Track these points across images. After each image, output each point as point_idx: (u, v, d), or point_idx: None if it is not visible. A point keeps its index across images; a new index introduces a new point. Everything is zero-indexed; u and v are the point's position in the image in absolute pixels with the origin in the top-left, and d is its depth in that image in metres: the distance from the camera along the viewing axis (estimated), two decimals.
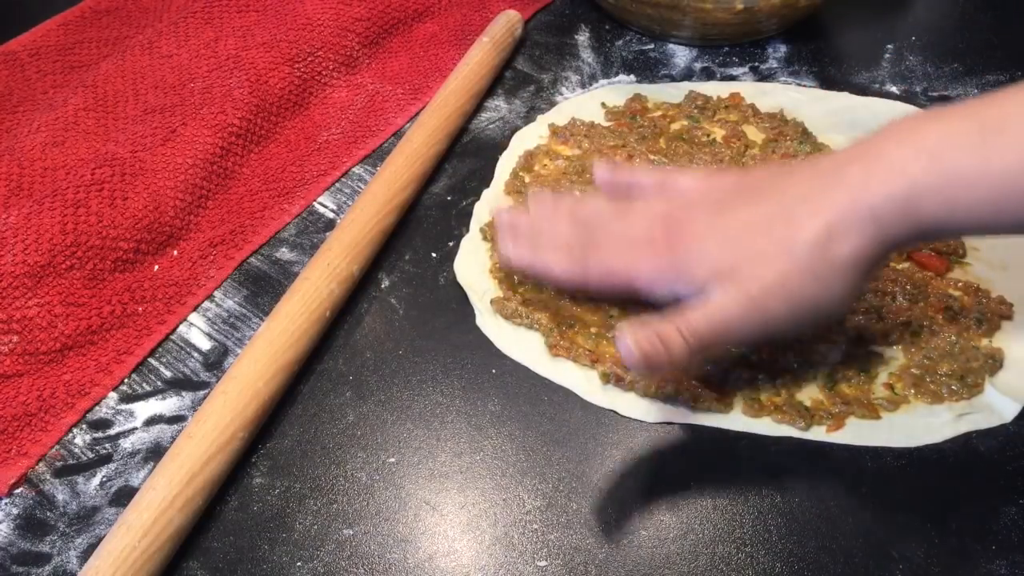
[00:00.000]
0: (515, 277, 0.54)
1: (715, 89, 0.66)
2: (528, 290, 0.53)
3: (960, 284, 0.52)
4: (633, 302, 0.50)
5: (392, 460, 0.47)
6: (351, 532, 0.44)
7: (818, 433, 0.47)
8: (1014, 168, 0.38)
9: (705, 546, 0.43)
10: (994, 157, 0.38)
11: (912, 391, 0.48)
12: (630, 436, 0.47)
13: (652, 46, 0.73)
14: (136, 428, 0.49)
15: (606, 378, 0.48)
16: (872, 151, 0.41)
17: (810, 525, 0.43)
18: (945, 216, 0.39)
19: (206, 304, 0.55)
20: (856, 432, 0.46)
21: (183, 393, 0.50)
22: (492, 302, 0.53)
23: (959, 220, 0.40)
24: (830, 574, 0.41)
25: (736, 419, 0.47)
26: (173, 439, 0.47)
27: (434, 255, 0.57)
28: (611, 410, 0.48)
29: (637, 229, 0.46)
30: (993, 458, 0.45)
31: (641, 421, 0.48)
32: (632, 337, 0.41)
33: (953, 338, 0.49)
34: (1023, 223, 0.39)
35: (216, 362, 0.52)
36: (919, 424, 0.47)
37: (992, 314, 0.50)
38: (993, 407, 0.47)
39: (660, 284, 0.45)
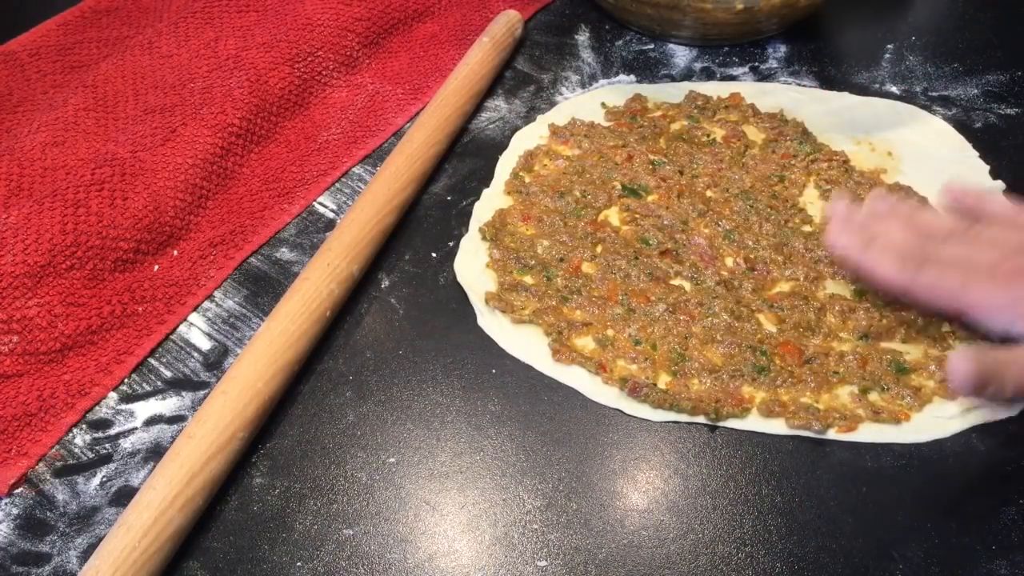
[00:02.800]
0: (507, 275, 0.54)
1: (715, 89, 0.66)
2: (524, 301, 0.53)
3: None
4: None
5: (392, 460, 0.47)
6: (351, 532, 0.44)
7: (828, 432, 0.47)
8: None
9: (705, 546, 0.43)
10: None
11: (934, 389, 0.48)
12: (630, 436, 0.47)
13: (652, 46, 0.73)
14: (136, 428, 0.49)
15: (622, 384, 0.48)
16: None
17: (810, 525, 0.43)
18: None
19: (206, 304, 0.55)
20: (865, 430, 0.46)
21: (183, 393, 0.50)
22: (486, 297, 0.53)
23: None
24: (830, 574, 0.41)
25: (742, 419, 0.47)
26: (173, 439, 0.47)
27: (434, 255, 0.57)
28: (615, 409, 0.48)
29: (982, 256, 0.46)
30: (993, 458, 0.45)
31: (642, 420, 0.48)
32: (974, 361, 0.41)
33: (966, 335, 0.49)
34: None
35: (216, 362, 0.52)
36: (927, 419, 0.47)
37: None
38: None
39: (995, 316, 0.45)
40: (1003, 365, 0.42)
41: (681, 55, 0.72)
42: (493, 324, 0.52)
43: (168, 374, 0.51)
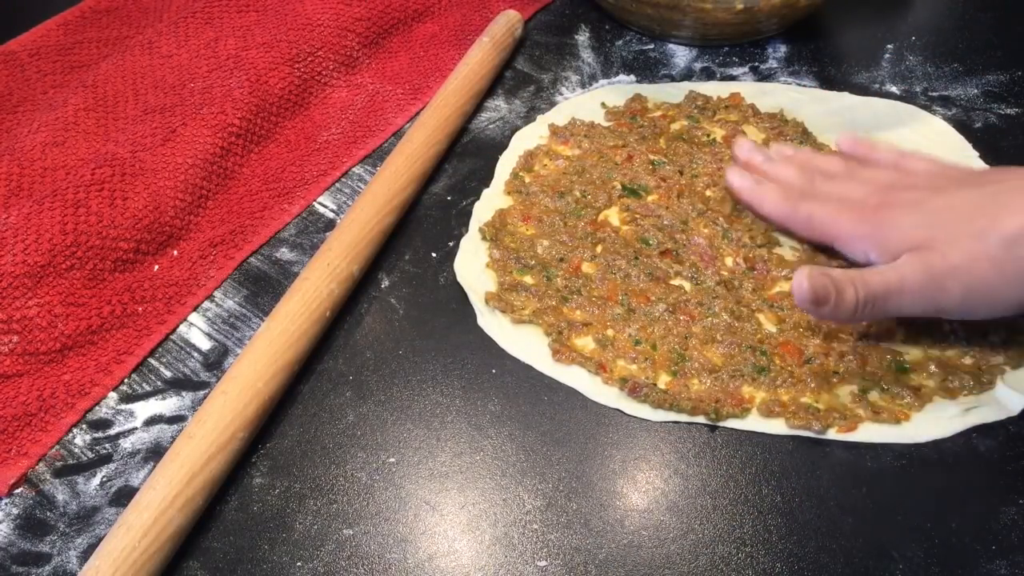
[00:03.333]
0: (507, 275, 0.54)
1: (715, 89, 0.66)
2: (524, 301, 0.53)
3: None
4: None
5: (392, 460, 0.47)
6: (351, 532, 0.44)
7: (828, 432, 0.47)
8: None
9: (705, 546, 0.43)
10: None
11: (934, 389, 0.48)
12: (630, 436, 0.47)
13: (652, 46, 0.73)
14: (136, 428, 0.49)
15: (622, 384, 0.48)
16: None
17: (810, 525, 0.43)
18: None
19: (206, 304, 0.55)
20: (865, 430, 0.47)
21: (183, 393, 0.50)
22: (486, 297, 0.53)
23: None
24: (830, 574, 0.41)
25: (742, 419, 0.47)
26: (173, 439, 0.47)
27: (434, 255, 0.57)
28: (615, 409, 0.48)
29: (855, 192, 0.51)
30: (993, 458, 0.45)
31: (642, 420, 0.48)
32: (809, 277, 0.45)
33: (966, 335, 0.50)
34: None
35: (216, 362, 0.52)
36: (926, 419, 0.47)
37: None
38: (1000, 401, 0.47)
39: (856, 245, 0.49)
40: (843, 283, 0.45)
41: (681, 55, 0.72)
42: (493, 324, 0.52)
43: (168, 374, 0.51)
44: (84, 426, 0.49)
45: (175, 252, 0.57)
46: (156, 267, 0.56)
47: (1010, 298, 0.44)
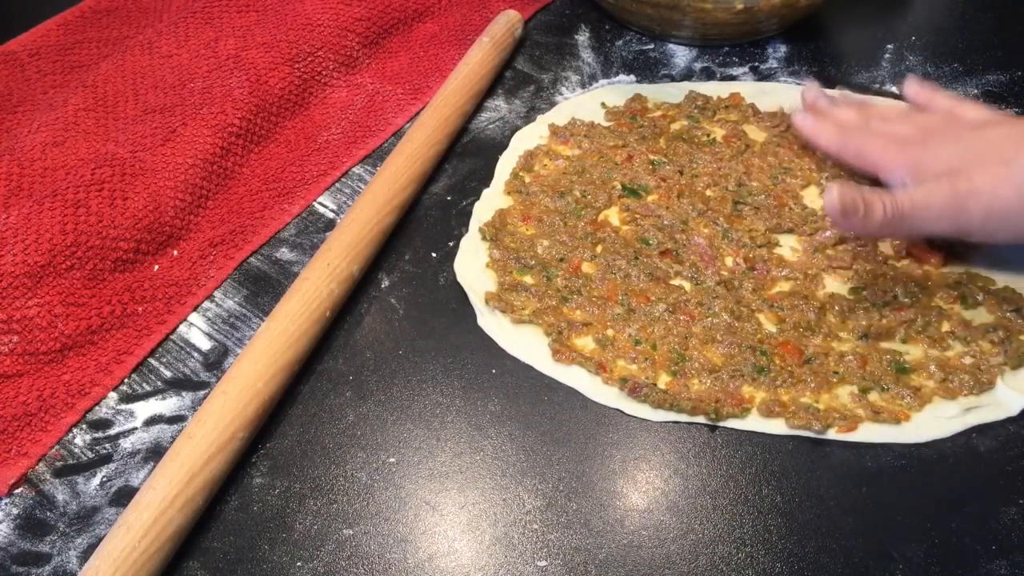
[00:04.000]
0: (507, 275, 0.54)
1: (715, 89, 0.66)
2: (524, 301, 0.53)
3: (963, 275, 0.52)
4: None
5: (392, 460, 0.47)
6: (351, 532, 0.44)
7: (828, 431, 0.47)
8: None
9: (705, 546, 0.43)
10: None
11: (934, 389, 0.48)
12: (630, 436, 0.47)
13: (652, 46, 0.73)
14: (136, 428, 0.49)
15: (622, 384, 0.48)
16: None
17: (810, 525, 0.43)
18: None
19: (206, 304, 0.55)
20: (865, 430, 0.47)
21: (183, 393, 0.50)
22: (486, 297, 0.53)
23: None
24: (830, 574, 0.41)
25: (742, 419, 0.47)
26: (173, 439, 0.47)
27: (434, 255, 0.57)
28: (615, 409, 0.48)
29: (902, 130, 0.54)
30: (993, 458, 0.45)
31: (642, 420, 0.48)
32: (839, 191, 0.47)
33: (966, 335, 0.50)
34: None
35: (216, 362, 0.52)
36: (927, 419, 0.47)
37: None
38: (1000, 401, 0.47)
39: (896, 175, 0.51)
40: (872, 198, 0.48)
41: (681, 55, 0.72)
42: (493, 324, 0.52)
43: (168, 374, 0.51)
44: (84, 426, 0.49)
45: (175, 252, 0.57)
46: (156, 267, 0.56)
47: None
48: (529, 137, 0.64)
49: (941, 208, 0.48)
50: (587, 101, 0.67)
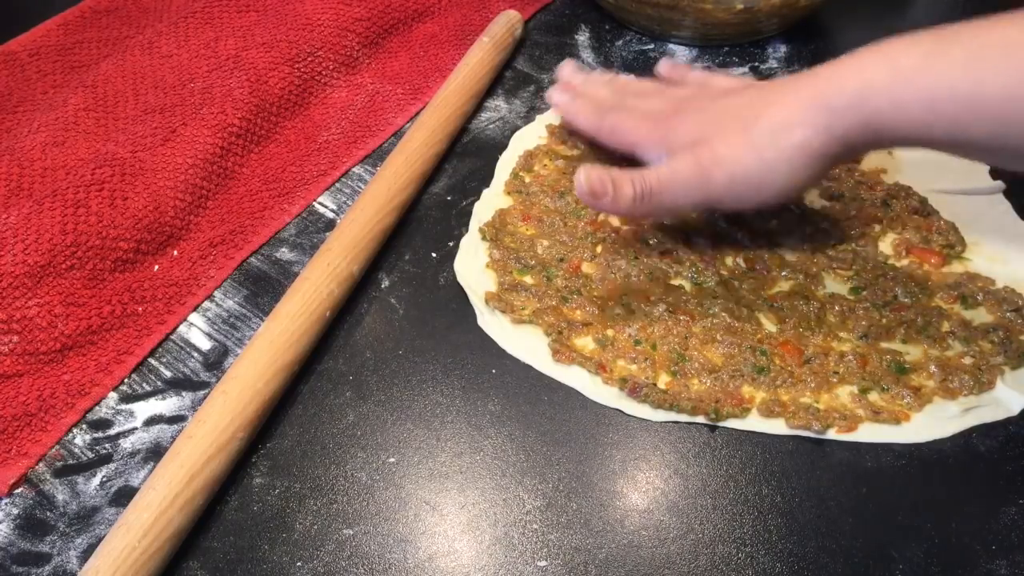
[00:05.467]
0: (507, 275, 0.54)
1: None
2: (524, 301, 0.53)
3: (963, 275, 0.52)
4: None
5: (392, 460, 0.47)
6: (351, 532, 0.44)
7: (828, 432, 0.47)
8: (949, 75, 0.42)
9: (705, 546, 0.43)
10: (936, 64, 0.43)
11: (934, 390, 0.48)
12: (630, 436, 0.47)
13: (652, 46, 0.73)
14: (136, 428, 0.49)
15: (622, 384, 0.48)
16: (846, 59, 0.46)
17: (810, 525, 0.43)
18: (891, 112, 0.44)
19: (206, 304, 0.55)
20: (865, 430, 0.47)
21: (183, 393, 0.50)
22: (486, 297, 0.53)
23: (902, 120, 0.44)
24: (830, 574, 0.42)
25: (742, 419, 0.47)
26: (173, 439, 0.47)
27: (434, 255, 0.57)
28: (615, 409, 0.48)
29: (655, 105, 0.54)
30: (993, 458, 0.45)
31: (642, 420, 0.48)
32: (585, 172, 0.49)
33: (966, 335, 0.50)
34: (953, 139, 0.44)
35: (216, 362, 0.52)
36: (926, 419, 0.47)
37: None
38: (1000, 401, 0.47)
39: (651, 151, 0.52)
40: (621, 178, 0.49)
41: (681, 55, 0.72)
42: (493, 324, 0.52)
43: (168, 374, 0.51)
44: (84, 426, 0.49)
45: (175, 252, 0.57)
46: (156, 267, 0.56)
47: (774, 184, 0.48)
48: (529, 137, 0.64)
49: (687, 180, 0.49)
50: None
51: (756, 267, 0.54)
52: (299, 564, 0.43)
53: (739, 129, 0.48)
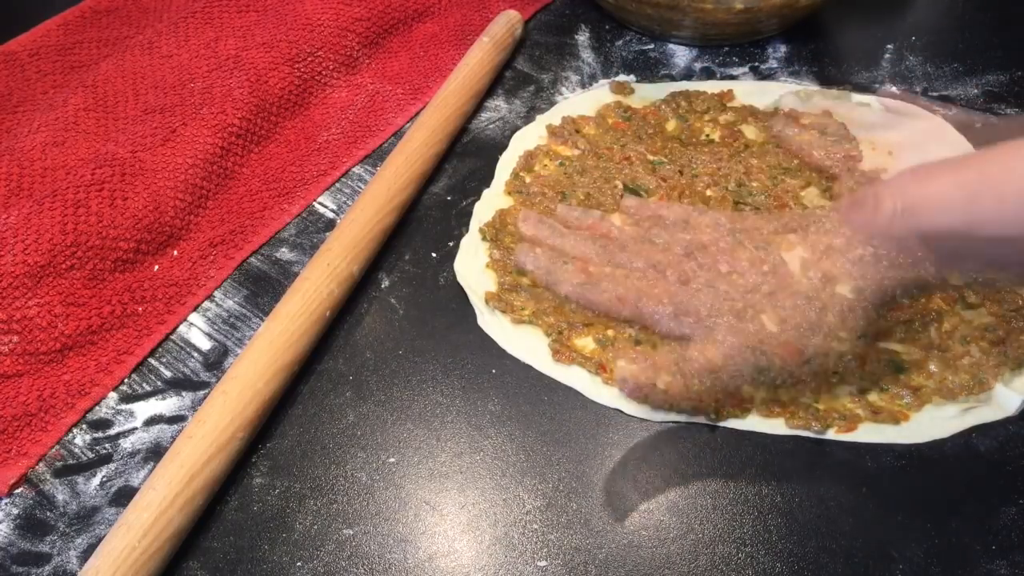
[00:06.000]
0: (507, 275, 0.54)
1: (714, 89, 0.66)
2: (524, 301, 0.53)
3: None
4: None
5: (392, 460, 0.47)
6: (351, 532, 0.44)
7: (828, 432, 0.47)
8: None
9: (705, 546, 0.43)
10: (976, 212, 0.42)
11: (933, 390, 0.48)
12: (630, 436, 0.47)
13: (652, 46, 0.73)
14: (136, 428, 0.49)
15: (622, 384, 0.48)
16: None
17: (810, 525, 0.43)
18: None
19: (206, 304, 0.55)
20: (864, 430, 0.47)
21: (183, 393, 0.50)
22: (486, 297, 0.53)
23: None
24: (830, 574, 0.41)
25: (742, 419, 0.47)
26: (173, 439, 0.47)
27: (434, 255, 0.57)
28: (615, 409, 0.48)
29: (652, 259, 0.50)
30: (993, 458, 0.45)
31: (643, 420, 0.48)
32: (629, 372, 0.45)
33: (966, 335, 0.50)
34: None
35: (216, 362, 0.52)
36: (926, 419, 0.47)
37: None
38: (999, 401, 0.47)
39: (664, 324, 0.48)
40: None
41: (681, 55, 0.72)
42: (493, 324, 0.52)
43: (168, 374, 0.51)
44: (84, 426, 0.49)
45: (175, 252, 0.57)
46: (156, 267, 0.56)
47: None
48: (529, 137, 0.64)
49: (740, 354, 0.46)
50: (587, 101, 0.67)
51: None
52: (299, 564, 0.43)
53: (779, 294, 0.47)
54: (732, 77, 0.69)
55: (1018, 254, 0.43)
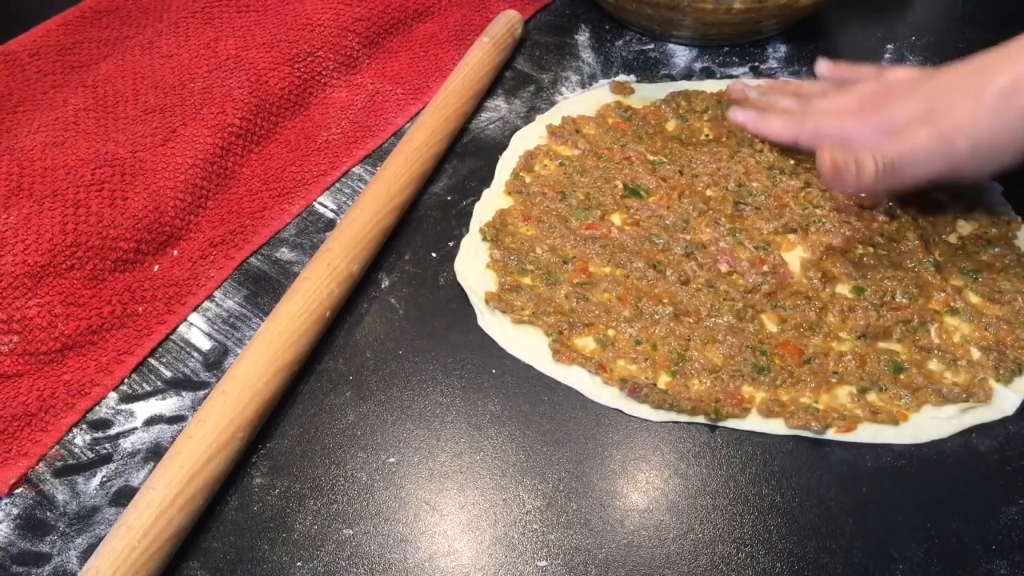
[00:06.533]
0: (508, 276, 0.54)
1: (715, 88, 0.67)
2: (524, 301, 0.53)
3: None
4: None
5: (392, 460, 0.47)
6: (351, 532, 0.44)
7: (827, 432, 0.47)
8: None
9: (705, 546, 0.43)
10: None
11: (933, 390, 0.48)
12: (630, 436, 0.47)
13: (652, 46, 0.73)
14: (136, 428, 0.49)
15: (622, 384, 0.48)
16: None
17: (810, 525, 0.43)
18: None
19: (206, 304, 0.55)
20: (863, 430, 0.47)
21: (183, 393, 0.50)
22: (486, 297, 0.53)
23: None
24: (830, 574, 0.42)
25: (742, 419, 0.47)
26: (173, 439, 0.47)
27: (434, 255, 0.57)
28: (615, 409, 0.48)
29: (850, 101, 0.56)
30: (993, 458, 0.45)
31: (642, 420, 0.48)
32: (830, 152, 0.50)
33: (962, 338, 0.50)
34: None
35: (216, 362, 0.52)
36: (925, 420, 0.47)
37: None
38: (996, 401, 0.47)
39: (866, 143, 0.52)
40: (863, 155, 0.50)
41: (681, 55, 0.72)
42: (493, 324, 0.52)
43: (168, 374, 0.51)
44: (84, 426, 0.49)
45: (175, 252, 0.57)
46: (156, 267, 0.56)
47: (1017, 146, 0.49)
48: (529, 137, 0.64)
49: (931, 151, 0.50)
50: (587, 101, 0.67)
51: (778, 271, 0.54)
52: (299, 564, 0.43)
53: (970, 95, 0.49)
54: (732, 77, 0.69)
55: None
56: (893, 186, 0.53)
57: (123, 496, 0.45)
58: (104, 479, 0.46)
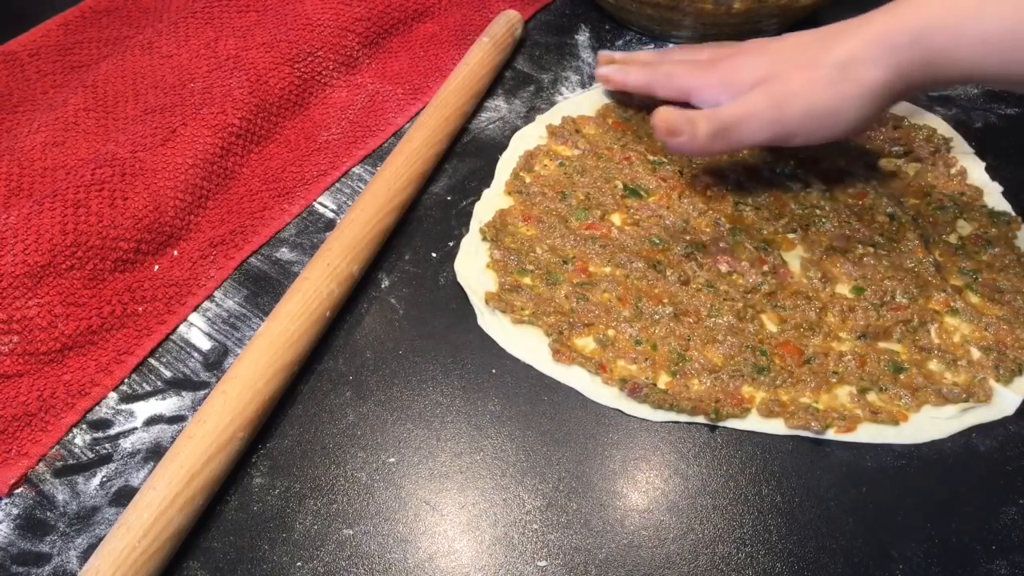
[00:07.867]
0: (508, 276, 0.54)
1: None
2: (525, 301, 0.53)
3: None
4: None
5: (392, 460, 0.47)
6: (351, 532, 0.44)
7: (827, 432, 0.47)
8: (1003, 18, 0.45)
9: (705, 546, 0.43)
10: (990, 5, 0.45)
11: (932, 390, 0.48)
12: (630, 436, 0.47)
13: (652, 46, 0.73)
14: (136, 428, 0.49)
15: (622, 384, 0.48)
16: (905, 0, 0.48)
17: (810, 525, 0.43)
18: (949, 49, 0.47)
19: (206, 304, 0.55)
20: (863, 430, 0.47)
21: (183, 393, 0.50)
22: (486, 297, 0.53)
23: (959, 56, 0.47)
24: (830, 574, 0.42)
25: (742, 419, 0.47)
26: (173, 439, 0.47)
27: (434, 255, 0.57)
28: (615, 409, 0.48)
29: (703, 54, 0.58)
30: (993, 458, 0.46)
31: (642, 420, 0.48)
32: (663, 112, 0.51)
33: (962, 338, 0.50)
34: (1005, 74, 0.47)
35: (216, 362, 0.52)
36: (925, 420, 0.47)
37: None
38: (996, 401, 0.47)
39: (709, 92, 0.55)
40: (696, 116, 0.51)
41: None
42: (493, 324, 0.52)
43: (168, 374, 0.51)
44: (84, 426, 0.49)
45: (175, 252, 0.57)
46: (156, 267, 0.56)
47: (845, 117, 0.50)
48: (529, 137, 0.64)
49: (762, 115, 0.51)
50: (587, 101, 0.67)
51: (778, 271, 0.54)
52: (299, 564, 0.43)
53: (809, 64, 0.50)
54: None
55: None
56: (726, 148, 0.54)
57: (123, 496, 0.45)
58: (104, 479, 0.46)
